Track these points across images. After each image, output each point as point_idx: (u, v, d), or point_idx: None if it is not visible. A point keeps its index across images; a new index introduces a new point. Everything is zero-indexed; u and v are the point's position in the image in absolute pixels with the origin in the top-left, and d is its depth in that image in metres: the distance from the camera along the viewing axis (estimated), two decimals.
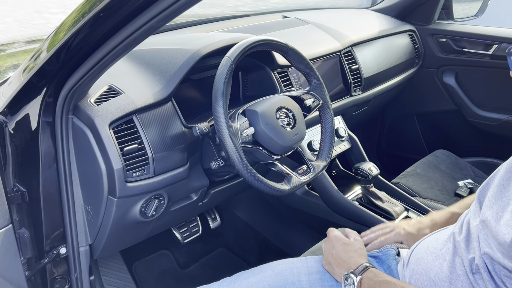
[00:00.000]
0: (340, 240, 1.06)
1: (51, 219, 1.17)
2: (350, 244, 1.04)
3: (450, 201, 1.68)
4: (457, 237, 0.91)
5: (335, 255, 1.02)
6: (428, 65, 2.32)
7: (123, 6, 0.81)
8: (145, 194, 1.16)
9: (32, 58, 1.10)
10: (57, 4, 10.73)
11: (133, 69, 1.25)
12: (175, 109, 1.20)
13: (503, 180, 0.84)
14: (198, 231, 1.88)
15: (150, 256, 1.89)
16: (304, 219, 1.80)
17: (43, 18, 8.92)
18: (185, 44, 1.33)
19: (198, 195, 1.36)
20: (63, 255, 1.22)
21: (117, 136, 1.08)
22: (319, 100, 1.32)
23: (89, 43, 0.91)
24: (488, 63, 2.12)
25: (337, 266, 1.00)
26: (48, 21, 8.65)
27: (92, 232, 1.23)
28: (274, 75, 1.49)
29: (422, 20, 2.30)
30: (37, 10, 9.79)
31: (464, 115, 2.26)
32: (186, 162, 1.22)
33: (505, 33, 2.05)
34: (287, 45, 1.25)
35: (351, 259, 0.99)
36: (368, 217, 1.50)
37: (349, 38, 1.88)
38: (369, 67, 1.93)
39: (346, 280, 0.94)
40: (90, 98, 1.10)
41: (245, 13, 2.13)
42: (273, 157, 1.20)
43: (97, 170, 1.09)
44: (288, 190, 1.15)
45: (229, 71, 1.09)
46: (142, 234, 1.36)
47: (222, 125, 1.05)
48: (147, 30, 0.83)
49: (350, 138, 1.82)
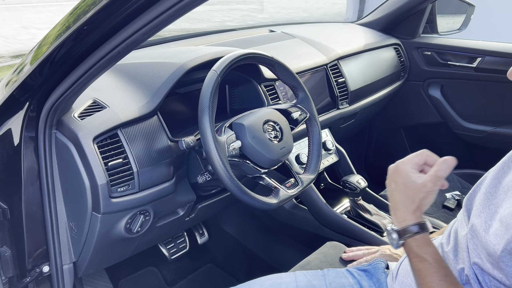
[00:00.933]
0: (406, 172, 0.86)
1: (34, 237, 1.15)
2: None
3: (438, 213, 1.68)
4: (445, 247, 0.90)
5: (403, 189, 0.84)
6: (414, 78, 2.34)
7: (106, 19, 0.80)
8: (130, 209, 1.14)
9: (15, 72, 1.08)
10: (43, 20, 10.72)
11: (118, 83, 1.24)
12: (161, 123, 1.19)
13: (490, 187, 0.83)
14: (186, 247, 1.85)
15: (137, 273, 1.85)
16: (292, 233, 1.78)
17: (29, 33, 8.90)
18: (171, 57, 1.32)
19: (184, 210, 1.34)
20: (46, 273, 1.19)
21: (101, 151, 1.06)
22: (306, 113, 1.32)
23: (72, 57, 0.90)
24: (472, 76, 2.15)
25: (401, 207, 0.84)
26: (34, 36, 8.63)
27: (76, 249, 1.20)
28: (261, 89, 1.49)
29: (407, 34, 2.33)
30: (23, 25, 9.77)
31: (450, 127, 2.28)
32: (172, 176, 1.20)
33: (489, 46, 2.08)
34: (273, 58, 1.25)
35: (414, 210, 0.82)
36: (356, 230, 1.49)
37: (335, 51, 1.89)
38: (355, 80, 1.94)
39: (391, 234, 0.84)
40: (74, 112, 1.09)
41: (232, 28, 2.14)
42: (261, 170, 1.18)
43: (81, 186, 1.07)
44: (276, 204, 1.14)
45: (215, 85, 1.08)
46: (127, 250, 1.34)
47: (209, 138, 1.04)
48: (131, 43, 0.83)
49: (338, 151, 1.82)
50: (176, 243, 1.84)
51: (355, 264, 1.20)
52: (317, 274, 1.10)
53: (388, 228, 0.84)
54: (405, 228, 0.81)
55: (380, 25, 2.35)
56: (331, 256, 1.28)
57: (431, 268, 0.77)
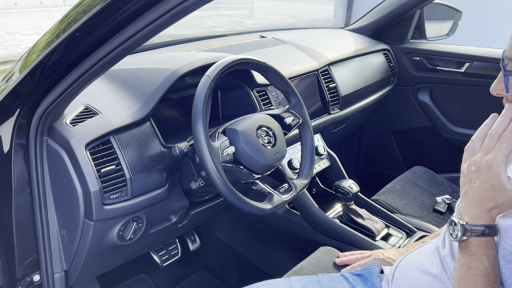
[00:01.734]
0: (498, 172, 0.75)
1: (24, 245, 1.13)
2: None
3: (429, 217, 1.69)
4: (441, 251, 0.91)
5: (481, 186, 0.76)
6: (403, 83, 2.37)
7: (100, 25, 0.79)
8: (123, 216, 1.13)
9: (3, 80, 1.07)
10: (29, 25, 10.62)
11: (110, 89, 1.23)
12: (154, 129, 1.18)
13: None
14: (178, 253, 1.83)
15: (128, 281, 1.83)
16: (285, 238, 1.78)
17: (15, 39, 8.81)
18: (163, 63, 1.32)
19: (177, 217, 1.33)
20: (37, 282, 1.17)
21: (93, 157, 1.05)
22: (298, 118, 1.32)
23: (64, 63, 0.89)
24: (461, 81, 2.17)
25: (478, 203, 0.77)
26: (20, 42, 8.55)
27: (67, 258, 1.18)
28: (253, 94, 1.49)
29: (396, 40, 2.35)
30: (9, 31, 9.67)
31: (440, 131, 2.30)
32: (165, 183, 1.19)
33: (476, 52, 2.11)
34: (266, 64, 1.25)
35: None
36: (349, 235, 1.49)
37: (326, 57, 1.90)
38: (346, 85, 1.95)
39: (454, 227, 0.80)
40: (66, 119, 1.08)
41: (223, 33, 2.14)
42: (254, 176, 1.18)
43: (73, 193, 1.05)
44: (270, 209, 1.14)
45: (209, 90, 1.08)
46: (120, 258, 1.32)
47: (203, 144, 1.04)
48: (126, 49, 0.82)
49: (330, 156, 1.82)
50: (168, 250, 1.82)
51: (349, 269, 1.21)
52: (311, 279, 1.10)
53: (455, 219, 0.78)
54: (476, 226, 0.76)
55: (370, 30, 2.37)
56: (324, 261, 1.28)
57: (485, 271, 0.74)
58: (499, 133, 0.76)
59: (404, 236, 1.53)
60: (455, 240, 0.78)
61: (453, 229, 0.79)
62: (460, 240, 0.77)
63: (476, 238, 0.75)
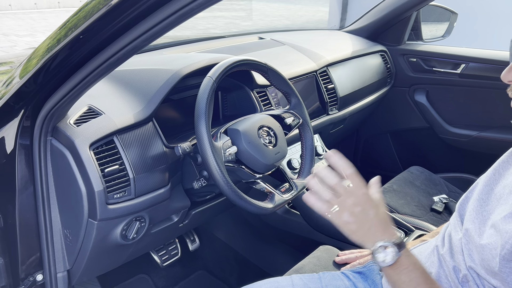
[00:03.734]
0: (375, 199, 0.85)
1: (27, 245, 1.13)
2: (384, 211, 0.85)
3: (426, 216, 1.71)
4: (440, 250, 0.93)
5: (372, 217, 0.82)
6: (400, 84, 2.39)
7: (106, 26, 0.80)
8: (126, 216, 1.14)
9: (4, 84, 1.08)
10: (24, 27, 10.59)
11: (113, 89, 1.24)
12: (156, 129, 1.19)
13: (482, 194, 0.86)
14: (177, 253, 1.84)
15: (128, 281, 1.84)
16: (285, 238, 1.79)
17: (10, 40, 8.79)
18: (165, 64, 1.33)
19: (179, 216, 1.34)
20: (40, 282, 1.17)
21: (97, 157, 1.06)
22: (299, 119, 1.34)
23: (69, 64, 0.90)
24: (457, 82, 2.20)
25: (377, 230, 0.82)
26: (15, 43, 8.52)
27: (70, 257, 1.19)
28: (253, 95, 1.50)
29: (393, 41, 2.38)
30: (3, 33, 9.64)
31: (436, 132, 2.33)
32: (167, 182, 1.20)
33: (472, 53, 2.14)
34: (267, 65, 1.26)
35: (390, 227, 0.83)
36: None
37: (325, 58, 1.92)
38: (344, 86, 1.97)
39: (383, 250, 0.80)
40: (70, 119, 1.08)
41: (221, 35, 2.16)
42: (256, 175, 1.20)
43: (77, 193, 1.06)
44: (271, 209, 1.15)
45: (211, 90, 1.09)
46: (121, 258, 1.33)
47: (206, 144, 1.05)
48: (131, 49, 0.83)
49: None
50: (168, 250, 1.82)
51: (349, 267, 1.22)
52: (313, 277, 1.11)
53: (380, 244, 0.79)
54: (399, 240, 0.79)
55: (367, 32, 2.39)
56: (324, 259, 1.30)
57: (422, 276, 0.77)
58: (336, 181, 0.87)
59: (402, 235, 1.54)
60: (390, 263, 0.78)
61: (385, 254, 0.78)
62: (395, 260, 0.78)
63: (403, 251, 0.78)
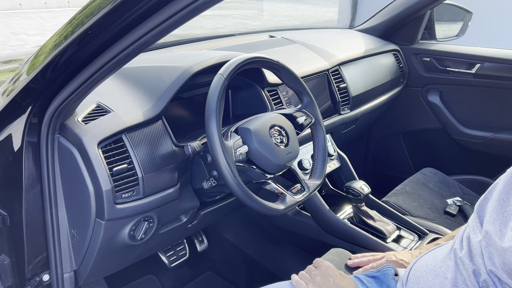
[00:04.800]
0: (335, 269, 1.09)
1: (34, 245, 1.11)
2: (346, 277, 1.07)
3: (440, 219, 1.67)
4: (459, 253, 0.89)
5: (332, 283, 1.04)
6: (413, 84, 2.35)
7: (115, 21, 0.78)
8: (135, 216, 1.11)
9: (12, 81, 1.06)
10: (34, 26, 10.66)
11: (121, 87, 1.22)
12: (166, 127, 1.17)
13: (503, 194, 0.82)
14: (185, 254, 1.81)
15: (136, 282, 1.82)
16: (294, 239, 1.76)
17: (20, 39, 8.85)
18: (175, 61, 1.30)
19: (188, 217, 1.32)
20: (46, 282, 1.16)
21: (105, 156, 1.04)
22: (311, 118, 1.30)
23: (77, 60, 0.88)
24: (471, 82, 2.15)
25: None
26: (25, 42, 8.58)
27: (77, 257, 1.17)
28: (264, 93, 1.47)
29: (406, 40, 2.34)
30: (13, 32, 9.71)
31: (450, 133, 2.28)
32: (176, 182, 1.18)
33: (488, 53, 2.09)
34: (279, 62, 1.23)
35: None
36: (361, 237, 1.47)
37: (337, 57, 1.89)
38: (356, 86, 1.93)
39: None
40: (78, 116, 1.06)
41: (232, 33, 2.13)
42: (267, 176, 1.17)
43: (84, 192, 1.04)
44: (283, 210, 1.12)
45: (222, 88, 1.06)
46: (129, 258, 1.31)
47: (216, 143, 1.02)
48: (141, 45, 0.81)
49: (340, 156, 1.81)
50: (176, 251, 1.80)
51: (361, 271, 1.19)
52: None
53: None
54: None
55: (379, 31, 2.36)
56: (336, 263, 1.26)
57: None
58: None
59: (416, 238, 1.51)
60: None
61: None
62: None
63: None
